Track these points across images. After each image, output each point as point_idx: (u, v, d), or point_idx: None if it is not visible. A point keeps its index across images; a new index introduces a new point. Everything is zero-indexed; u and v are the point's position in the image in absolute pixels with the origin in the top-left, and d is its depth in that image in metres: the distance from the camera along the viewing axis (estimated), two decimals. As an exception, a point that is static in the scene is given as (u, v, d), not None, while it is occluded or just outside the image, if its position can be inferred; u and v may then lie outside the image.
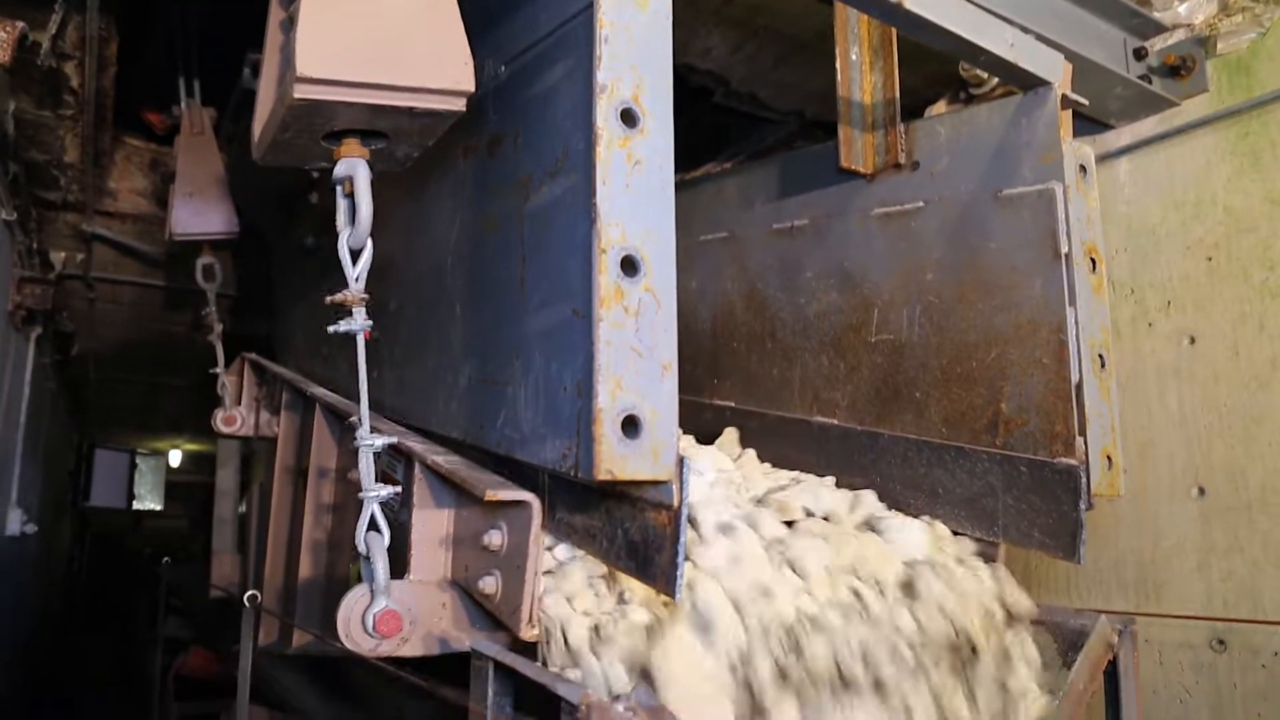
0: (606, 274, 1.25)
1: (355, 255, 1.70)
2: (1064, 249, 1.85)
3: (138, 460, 11.65)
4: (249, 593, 2.66)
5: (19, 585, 5.74)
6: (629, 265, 1.28)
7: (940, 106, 2.85)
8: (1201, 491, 2.75)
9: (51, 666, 8.48)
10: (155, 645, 6.25)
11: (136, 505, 12.41)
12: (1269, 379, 2.61)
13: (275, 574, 2.91)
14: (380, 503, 1.71)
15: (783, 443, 2.26)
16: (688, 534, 1.26)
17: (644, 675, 1.41)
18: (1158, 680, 2.78)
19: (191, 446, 12.32)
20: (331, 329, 1.72)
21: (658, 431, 1.24)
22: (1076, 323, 1.83)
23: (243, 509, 4.50)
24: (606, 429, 1.21)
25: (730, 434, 2.43)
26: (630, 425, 1.23)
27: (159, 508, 13.18)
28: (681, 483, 1.25)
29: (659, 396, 1.25)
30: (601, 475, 1.20)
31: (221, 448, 4.47)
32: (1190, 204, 2.80)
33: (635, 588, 1.57)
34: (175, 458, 13.09)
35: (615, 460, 1.21)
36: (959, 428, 1.92)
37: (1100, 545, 2.90)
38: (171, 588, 6.42)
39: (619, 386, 1.22)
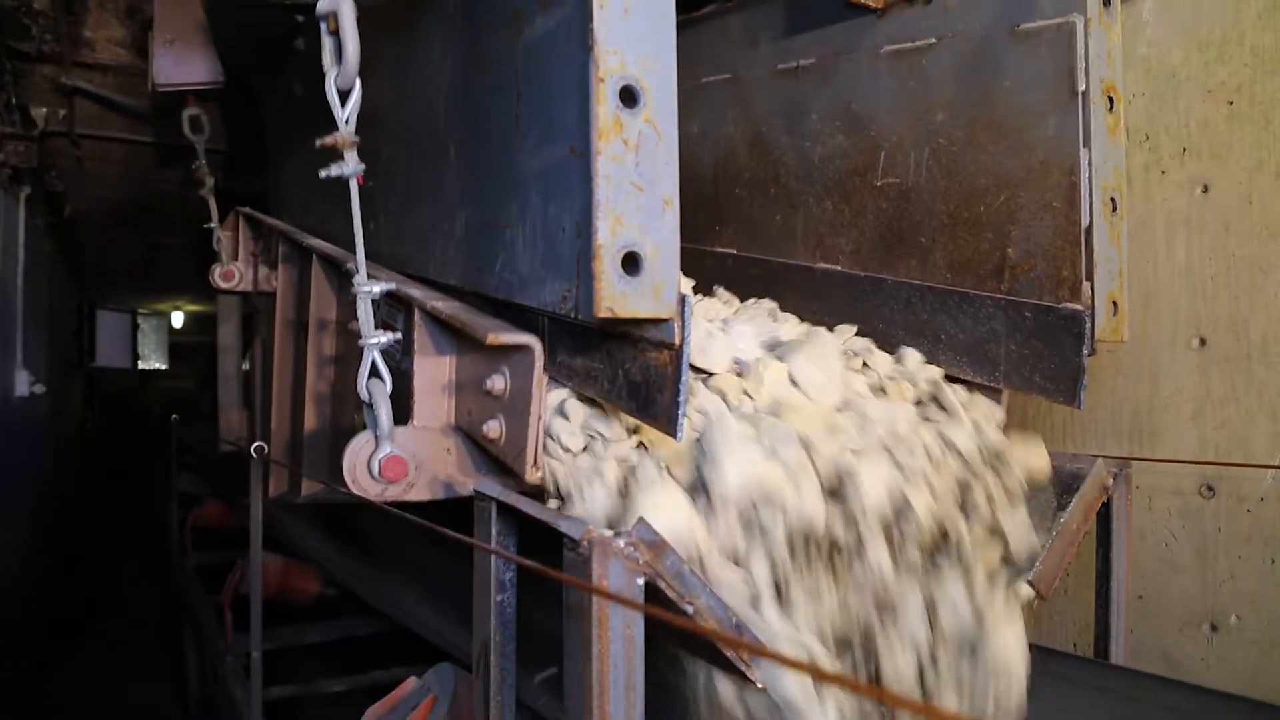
0: (604, 105, 1.20)
1: (344, 96, 1.64)
2: (1081, 87, 1.76)
3: (140, 321, 11.71)
4: (256, 444, 2.70)
5: (35, 443, 5.86)
6: (628, 96, 1.22)
7: (958, -63, 2.69)
8: (1203, 342, 2.75)
9: (74, 521, 8.78)
10: (170, 499, 6.45)
11: (142, 365, 12.58)
12: (1280, 228, 2.57)
13: (281, 427, 2.95)
14: (381, 350, 1.71)
15: (785, 290, 2.23)
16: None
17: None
18: (1146, 525, 2.86)
19: (193, 307, 12.36)
20: (324, 174, 1.67)
21: (659, 269, 1.21)
22: (1090, 164, 1.77)
23: (246, 366, 4.53)
24: (606, 266, 1.18)
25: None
26: (630, 262, 1.20)
27: (164, 367, 13.36)
28: (683, 321, 1.23)
29: (660, 233, 1.22)
30: (602, 313, 1.19)
31: (221, 304, 4.46)
32: (1215, 44, 2.68)
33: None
34: (178, 319, 13.16)
35: (615, 298, 1.19)
36: (964, 273, 1.89)
37: (1098, 394, 2.93)
38: (183, 444, 6.57)
39: (618, 222, 1.19)
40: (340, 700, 3.61)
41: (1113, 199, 1.85)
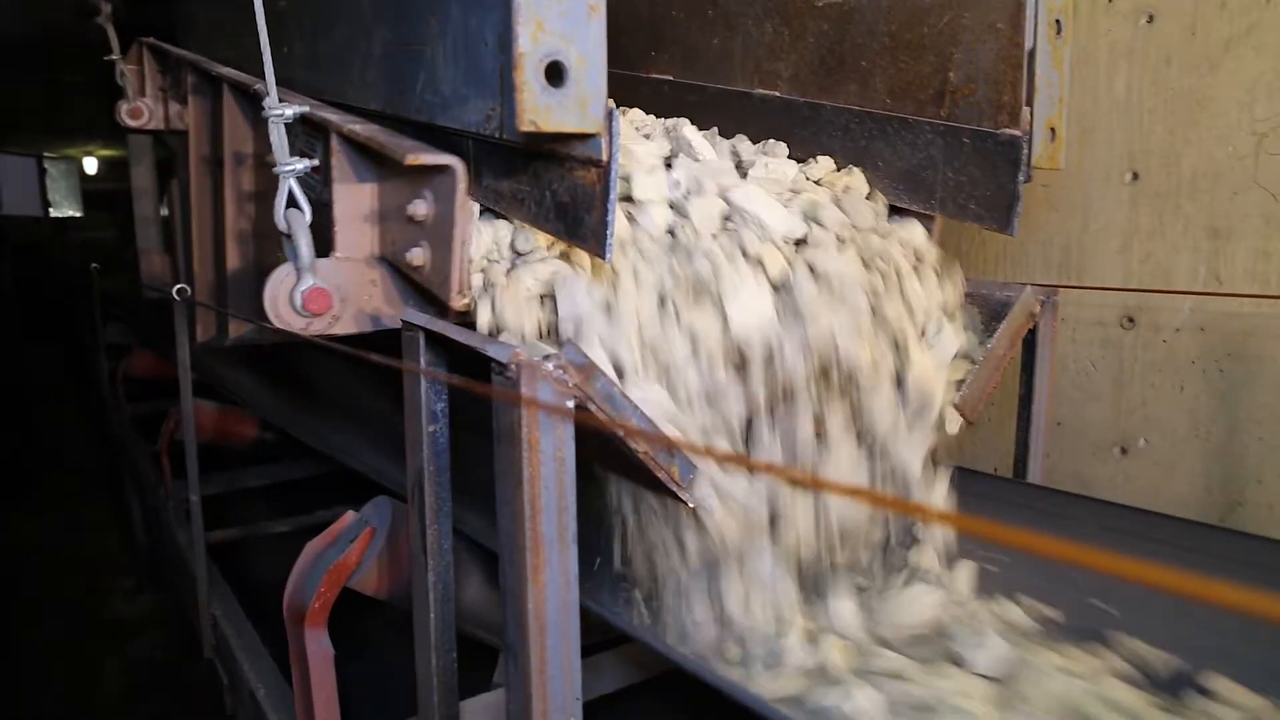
0: (524, -105, 1.10)
1: (241, -105, 1.49)
2: (1032, -103, 1.68)
3: (47, 166, 11.03)
4: (177, 286, 2.60)
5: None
6: (550, -115, 1.12)
7: None
8: (1135, 176, 2.77)
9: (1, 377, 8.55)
10: (98, 351, 6.29)
11: (53, 213, 11.93)
12: (1220, 60, 2.55)
13: (205, 269, 2.84)
14: (299, 180, 1.63)
15: (723, 117, 2.16)
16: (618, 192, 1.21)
17: None
18: (1068, 355, 2.96)
19: (107, 152, 11.68)
20: (224, -17, 1.54)
21: (585, 80, 1.15)
22: (1037, -16, 1.71)
23: (165, 211, 4.33)
24: (529, 76, 1.11)
25: None
26: (555, 73, 1.13)
27: (78, 214, 12.70)
28: (611, 136, 1.18)
29: (585, 41, 1.14)
30: (525, 127, 1.12)
31: (133, 144, 4.21)
32: None
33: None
34: (90, 165, 12.44)
35: (539, 111, 1.12)
36: (904, 98, 1.84)
37: (1031, 229, 2.96)
38: (107, 295, 6.35)
39: (540, 29, 1.11)
40: (285, 540, 3.66)
41: (1058, 21, 1.79)
